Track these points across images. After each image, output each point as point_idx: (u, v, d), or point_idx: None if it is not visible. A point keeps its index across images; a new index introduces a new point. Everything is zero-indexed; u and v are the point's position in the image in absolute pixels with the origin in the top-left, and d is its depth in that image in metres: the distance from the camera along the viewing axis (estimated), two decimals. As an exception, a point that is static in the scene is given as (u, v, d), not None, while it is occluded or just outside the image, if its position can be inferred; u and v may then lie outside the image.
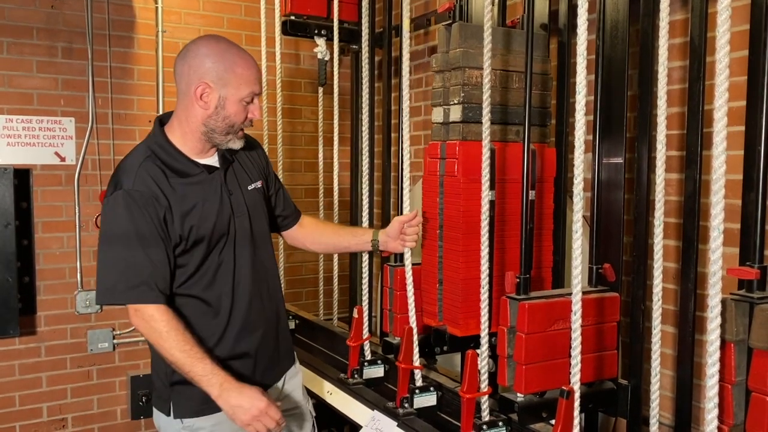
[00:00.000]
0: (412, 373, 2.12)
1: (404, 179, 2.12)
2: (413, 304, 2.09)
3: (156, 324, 1.69)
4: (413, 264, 2.16)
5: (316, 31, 3.09)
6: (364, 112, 2.65)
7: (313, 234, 2.18)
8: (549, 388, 1.78)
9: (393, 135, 2.94)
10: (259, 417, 1.68)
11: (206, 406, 1.78)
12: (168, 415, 1.84)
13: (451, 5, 2.19)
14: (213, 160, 1.84)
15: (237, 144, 1.82)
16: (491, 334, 1.91)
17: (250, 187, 1.92)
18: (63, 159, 3.24)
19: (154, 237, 1.69)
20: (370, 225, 2.69)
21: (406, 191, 2.13)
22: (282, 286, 2.22)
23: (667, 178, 1.74)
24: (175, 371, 1.75)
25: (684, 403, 1.81)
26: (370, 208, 2.71)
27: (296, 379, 2.10)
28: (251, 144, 2.01)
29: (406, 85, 2.11)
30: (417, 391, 2.12)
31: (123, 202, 1.68)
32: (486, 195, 1.88)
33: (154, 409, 1.91)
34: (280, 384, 2.03)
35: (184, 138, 1.80)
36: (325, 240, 2.18)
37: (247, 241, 1.87)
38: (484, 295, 1.87)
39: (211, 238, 1.78)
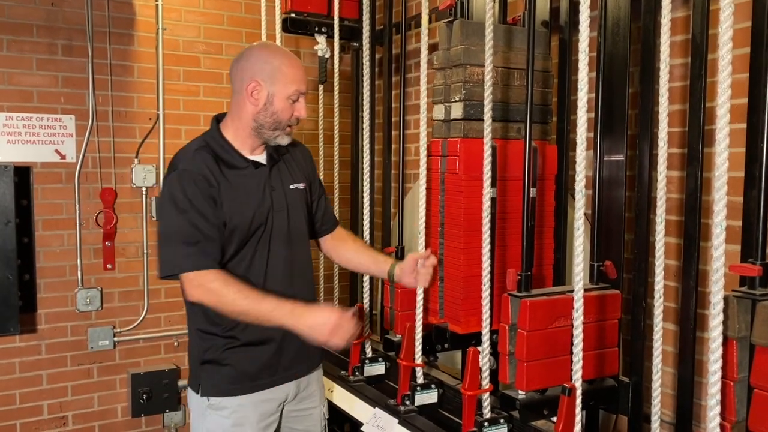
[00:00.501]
0: (414, 371, 2.12)
1: (421, 176, 2.12)
2: (421, 302, 2.08)
3: (211, 285, 1.77)
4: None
5: (316, 29, 3.09)
6: (365, 109, 2.65)
7: (338, 248, 2.18)
8: (550, 385, 1.78)
9: (394, 133, 2.94)
10: (335, 330, 1.74)
11: (232, 386, 1.88)
12: (197, 392, 1.92)
13: (452, 2, 2.18)
14: (261, 158, 1.95)
15: (284, 140, 1.92)
16: (492, 332, 1.91)
17: (292, 186, 2.00)
18: (63, 156, 3.23)
19: (205, 209, 1.79)
20: (371, 223, 2.68)
21: (422, 187, 2.12)
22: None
23: (668, 176, 1.74)
24: (207, 350, 1.88)
25: (685, 400, 1.81)
26: (371, 206, 2.71)
27: (319, 379, 2.09)
28: (300, 148, 2.11)
29: (424, 81, 2.12)
30: (418, 388, 2.12)
31: (177, 180, 1.82)
32: (487, 192, 1.88)
33: (188, 388, 1.99)
34: (305, 380, 2.02)
35: (236, 134, 1.91)
36: (348, 256, 2.18)
37: (283, 236, 1.94)
38: (486, 293, 1.87)
39: (249, 228, 1.87)
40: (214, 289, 1.76)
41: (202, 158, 1.85)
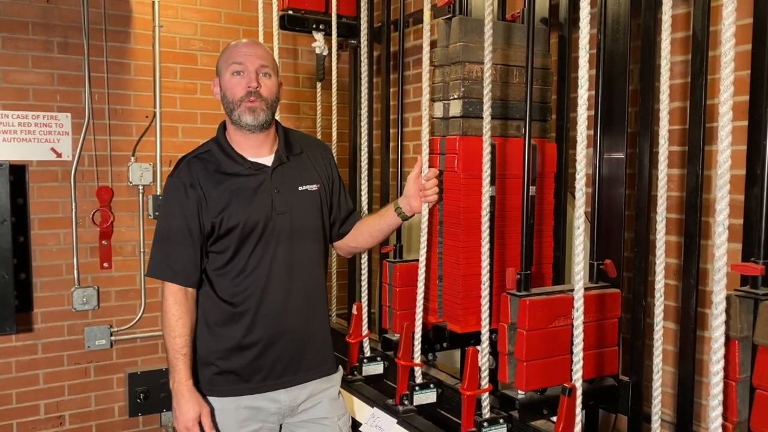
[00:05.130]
0: (412, 370, 2.11)
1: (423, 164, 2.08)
2: (422, 301, 2.07)
3: (164, 300, 1.90)
4: (411, 260, 2.14)
5: (314, 26, 3.07)
6: (363, 107, 2.63)
7: (353, 233, 2.14)
8: (550, 385, 1.77)
9: (392, 131, 2.92)
10: (177, 417, 1.87)
11: (211, 387, 1.92)
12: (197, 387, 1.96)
13: (450, -1, 2.17)
14: (266, 160, 1.95)
15: (249, 118, 1.89)
16: (492, 331, 1.90)
17: (301, 188, 1.97)
18: (59, 155, 3.22)
19: (184, 226, 1.88)
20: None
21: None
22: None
23: (668, 174, 1.72)
24: (201, 347, 1.94)
25: (685, 399, 1.80)
26: (369, 204, 2.70)
27: (325, 394, 2.02)
28: (321, 148, 2.11)
29: (426, 77, 2.09)
30: (417, 388, 2.11)
31: (167, 189, 1.93)
32: (486, 191, 1.86)
33: None
34: (302, 394, 1.98)
35: (232, 134, 1.95)
36: (360, 231, 2.12)
37: (285, 238, 1.92)
38: (485, 292, 1.86)
39: (242, 230, 1.88)
40: (164, 306, 1.89)
41: (191, 167, 1.91)
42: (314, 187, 2.00)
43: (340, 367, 2.10)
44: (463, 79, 2.03)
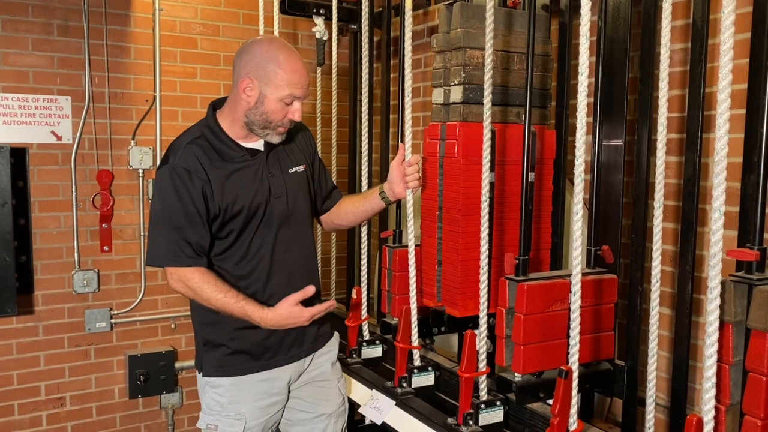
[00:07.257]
0: (411, 353, 2.14)
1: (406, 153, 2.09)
2: (414, 285, 2.09)
3: (190, 282, 1.86)
4: (411, 245, 2.15)
5: (314, 11, 3.06)
6: (363, 93, 2.63)
7: (335, 212, 2.24)
8: (546, 368, 1.79)
9: (392, 116, 2.93)
10: (292, 324, 1.92)
11: (223, 368, 1.97)
12: (200, 372, 2.02)
13: (452, -15, 2.16)
14: (257, 144, 1.97)
15: (275, 139, 1.94)
16: (490, 315, 1.92)
17: (291, 170, 2.03)
18: (59, 138, 3.22)
19: (193, 209, 1.85)
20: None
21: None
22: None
23: (666, 161, 1.74)
24: (206, 332, 1.98)
25: (680, 384, 1.83)
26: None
27: (326, 357, 2.15)
28: (300, 129, 2.14)
29: (408, 63, 2.10)
30: (415, 370, 2.13)
31: (168, 176, 1.86)
32: (486, 177, 1.88)
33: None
34: (307, 361, 2.10)
35: (232, 124, 1.94)
36: (345, 209, 2.22)
37: (282, 222, 1.98)
38: (483, 276, 1.88)
39: (246, 215, 1.91)
40: (192, 286, 1.86)
41: (193, 153, 1.87)
42: (301, 168, 2.07)
43: (336, 333, 2.22)
44: (464, 65, 2.04)
